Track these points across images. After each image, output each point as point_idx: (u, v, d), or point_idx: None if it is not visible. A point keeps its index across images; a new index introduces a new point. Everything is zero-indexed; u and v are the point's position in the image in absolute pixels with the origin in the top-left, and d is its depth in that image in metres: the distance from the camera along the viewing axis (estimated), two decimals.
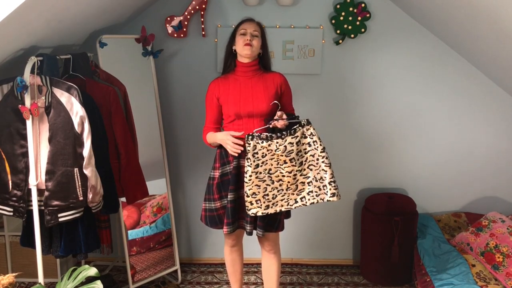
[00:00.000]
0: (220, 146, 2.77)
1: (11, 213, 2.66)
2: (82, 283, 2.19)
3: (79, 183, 2.59)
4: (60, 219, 2.59)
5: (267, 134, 2.60)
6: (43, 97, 2.55)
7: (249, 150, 2.59)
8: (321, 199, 2.65)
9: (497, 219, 3.19)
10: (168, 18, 3.42)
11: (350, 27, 3.40)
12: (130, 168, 3.03)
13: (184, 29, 3.43)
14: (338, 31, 3.43)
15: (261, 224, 2.72)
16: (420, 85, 3.55)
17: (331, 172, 2.62)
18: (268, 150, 2.60)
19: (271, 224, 2.76)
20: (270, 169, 2.62)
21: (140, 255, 3.35)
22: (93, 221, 2.84)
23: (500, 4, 2.33)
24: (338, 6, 3.38)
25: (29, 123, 2.53)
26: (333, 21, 3.41)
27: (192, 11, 3.39)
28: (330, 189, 2.62)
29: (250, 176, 2.60)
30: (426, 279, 3.05)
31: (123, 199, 3.12)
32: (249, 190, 2.61)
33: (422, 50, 3.50)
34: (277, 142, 2.59)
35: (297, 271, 3.73)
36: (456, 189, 3.69)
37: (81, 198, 2.60)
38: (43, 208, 2.60)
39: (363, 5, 3.37)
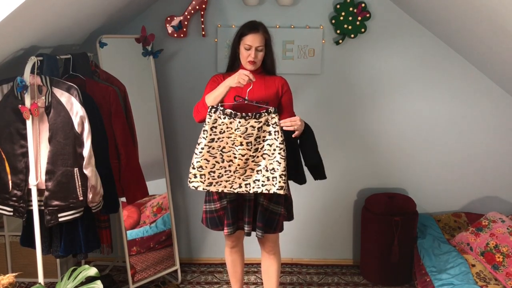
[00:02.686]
0: None
1: (11, 213, 2.66)
2: (82, 283, 2.19)
3: (79, 183, 2.59)
4: (60, 219, 2.59)
5: (232, 111, 2.53)
6: (43, 97, 2.55)
7: (208, 122, 2.53)
8: (267, 189, 2.59)
9: (497, 219, 3.19)
10: (168, 18, 3.42)
11: (350, 27, 3.40)
12: (130, 168, 3.03)
13: (184, 29, 3.43)
14: (338, 31, 3.43)
15: (261, 225, 2.72)
16: (420, 85, 3.55)
17: (285, 165, 2.57)
18: (227, 128, 2.53)
19: (270, 225, 2.75)
20: (224, 147, 2.56)
21: (140, 255, 3.35)
22: (93, 221, 2.84)
23: (500, 3, 2.33)
24: (338, 6, 3.38)
25: (29, 123, 2.53)
26: (333, 21, 3.41)
27: (192, 11, 3.39)
28: (279, 181, 2.56)
29: (202, 148, 2.55)
30: (426, 279, 3.05)
31: (123, 199, 3.12)
32: (196, 162, 2.56)
33: (422, 50, 3.50)
34: (239, 122, 2.52)
35: (297, 271, 3.73)
36: (456, 189, 3.69)
37: (81, 198, 2.60)
38: (43, 208, 2.60)
39: (363, 5, 3.37)
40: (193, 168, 2.57)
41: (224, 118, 2.53)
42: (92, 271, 2.17)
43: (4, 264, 3.46)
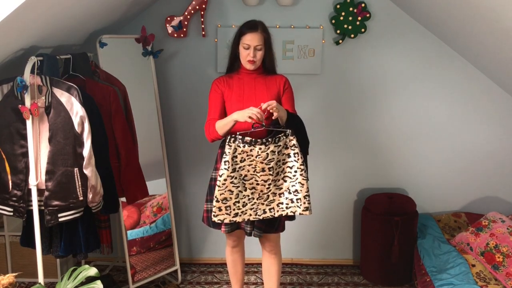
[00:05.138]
0: (222, 146, 2.75)
1: (11, 213, 2.66)
2: (82, 283, 2.18)
3: (79, 183, 2.59)
4: (60, 219, 2.59)
5: (251, 138, 2.51)
6: (43, 97, 2.55)
7: (229, 153, 2.49)
8: (291, 211, 2.60)
9: (497, 219, 3.19)
10: (168, 18, 3.42)
11: (350, 27, 3.40)
12: (130, 168, 3.04)
13: (184, 29, 3.43)
14: (338, 31, 3.43)
15: (260, 226, 2.72)
16: (420, 85, 3.55)
17: (307, 186, 2.57)
18: (248, 156, 2.51)
19: (271, 225, 2.76)
20: (245, 176, 2.54)
21: (140, 255, 3.35)
22: (93, 221, 2.84)
23: (500, 3, 2.34)
24: (338, 6, 3.38)
25: (29, 123, 2.53)
26: (333, 21, 3.41)
27: (192, 11, 3.39)
28: (304, 203, 2.57)
29: (225, 180, 2.50)
30: (426, 279, 3.05)
31: (123, 199, 3.12)
32: (220, 195, 2.51)
33: (422, 50, 3.50)
34: (259, 148, 2.50)
35: (297, 271, 3.73)
36: (456, 189, 3.69)
37: (81, 198, 2.60)
38: (43, 208, 2.60)
39: (363, 5, 3.37)
40: (217, 201, 2.53)
41: (244, 146, 2.50)
42: (92, 271, 2.17)
43: (4, 264, 3.46)
